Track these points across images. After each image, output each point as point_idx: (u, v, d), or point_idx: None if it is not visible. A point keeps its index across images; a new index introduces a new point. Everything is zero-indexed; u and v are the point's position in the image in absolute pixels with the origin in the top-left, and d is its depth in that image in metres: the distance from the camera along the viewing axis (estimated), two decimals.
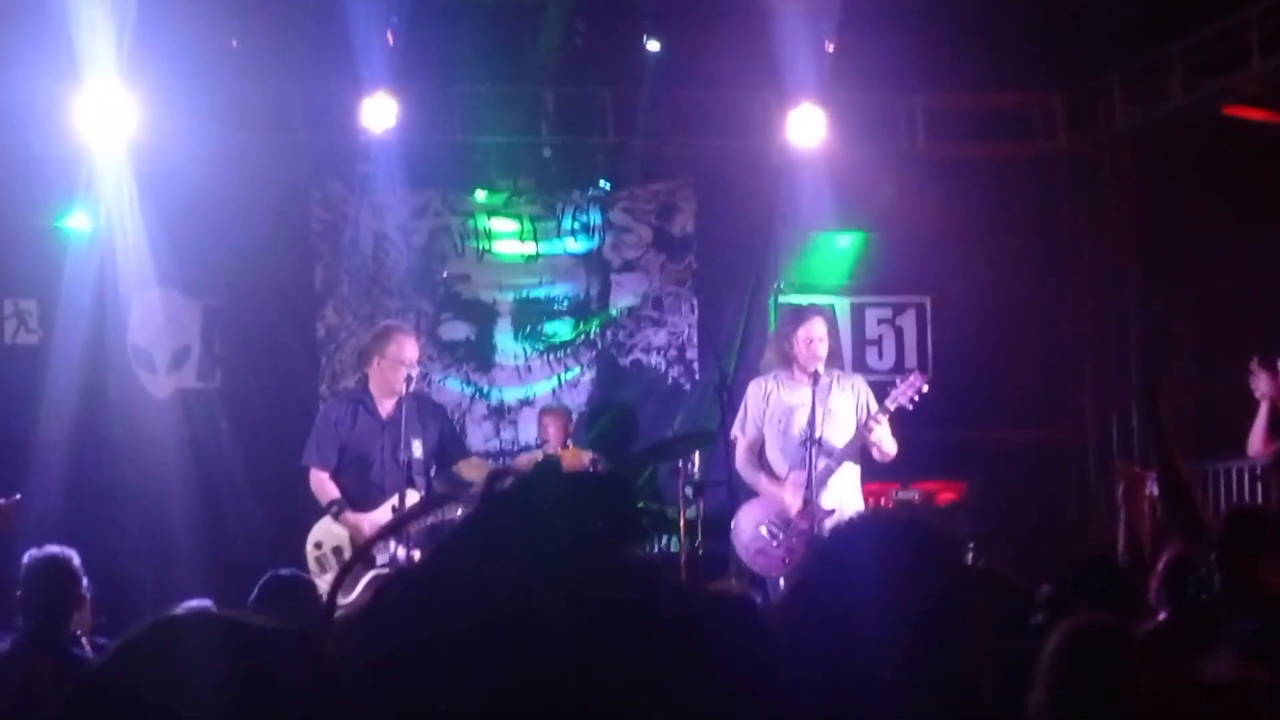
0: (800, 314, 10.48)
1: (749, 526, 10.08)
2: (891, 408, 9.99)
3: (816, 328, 10.18)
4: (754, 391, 10.38)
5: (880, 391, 10.14)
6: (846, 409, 9.99)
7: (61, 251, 11.79)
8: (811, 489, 9.77)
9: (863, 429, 9.89)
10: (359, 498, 9.69)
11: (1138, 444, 12.66)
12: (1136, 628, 5.93)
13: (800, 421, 9.94)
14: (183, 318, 12.40)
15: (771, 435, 10.19)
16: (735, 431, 10.38)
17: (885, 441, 9.91)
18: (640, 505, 11.18)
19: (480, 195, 12.91)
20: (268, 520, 11.60)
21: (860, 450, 9.94)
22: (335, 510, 9.65)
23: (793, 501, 9.94)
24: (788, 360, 10.17)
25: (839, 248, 13.20)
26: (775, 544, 9.99)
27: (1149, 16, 11.52)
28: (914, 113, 12.84)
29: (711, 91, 12.68)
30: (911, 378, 10.12)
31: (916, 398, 10.02)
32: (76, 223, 11.91)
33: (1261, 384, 10.00)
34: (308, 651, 2.14)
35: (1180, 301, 12.59)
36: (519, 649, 1.97)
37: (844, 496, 9.83)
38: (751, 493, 10.29)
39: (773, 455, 10.21)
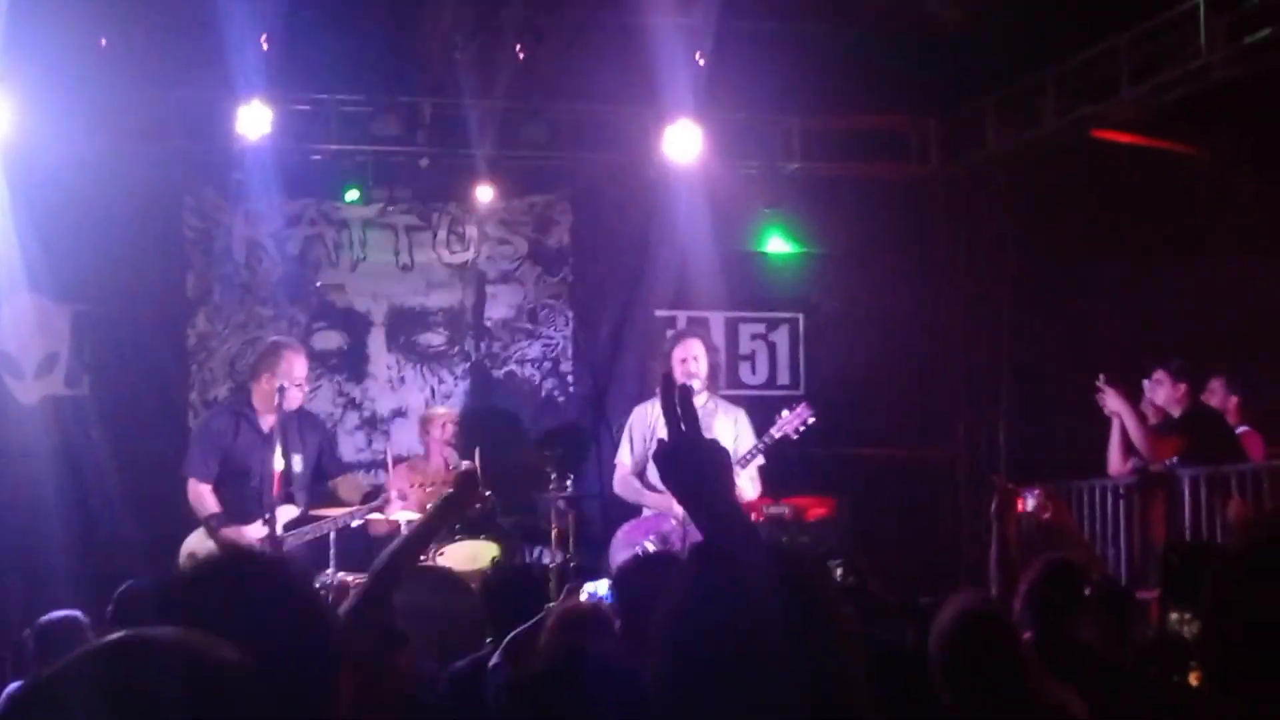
0: (676, 335, 10.54)
1: (628, 544, 10.13)
2: (777, 436, 10.08)
3: (692, 348, 10.24)
4: (638, 416, 10.47)
5: (764, 416, 10.21)
6: (725, 439, 10.03)
7: None
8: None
9: (739, 462, 9.95)
10: (237, 510, 9.63)
11: (1005, 462, 12.87)
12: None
13: None
14: (51, 323, 12.21)
15: (650, 453, 10.24)
16: (620, 456, 10.43)
17: (746, 489, 10.00)
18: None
19: (355, 204, 12.79)
20: (140, 529, 11.44)
21: None
22: (214, 524, 9.56)
23: (676, 509, 10.00)
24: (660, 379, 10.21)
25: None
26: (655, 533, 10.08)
27: (1022, 43, 11.68)
28: (790, 132, 12.95)
29: (589, 105, 12.72)
30: (799, 409, 10.21)
31: (802, 428, 10.12)
32: None
33: (1109, 401, 10.16)
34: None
35: (1050, 320, 12.78)
36: None
37: None
38: (627, 514, 10.35)
39: (654, 477, 10.26)
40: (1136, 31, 10.94)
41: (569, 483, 10.96)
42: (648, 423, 10.45)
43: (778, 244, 13.35)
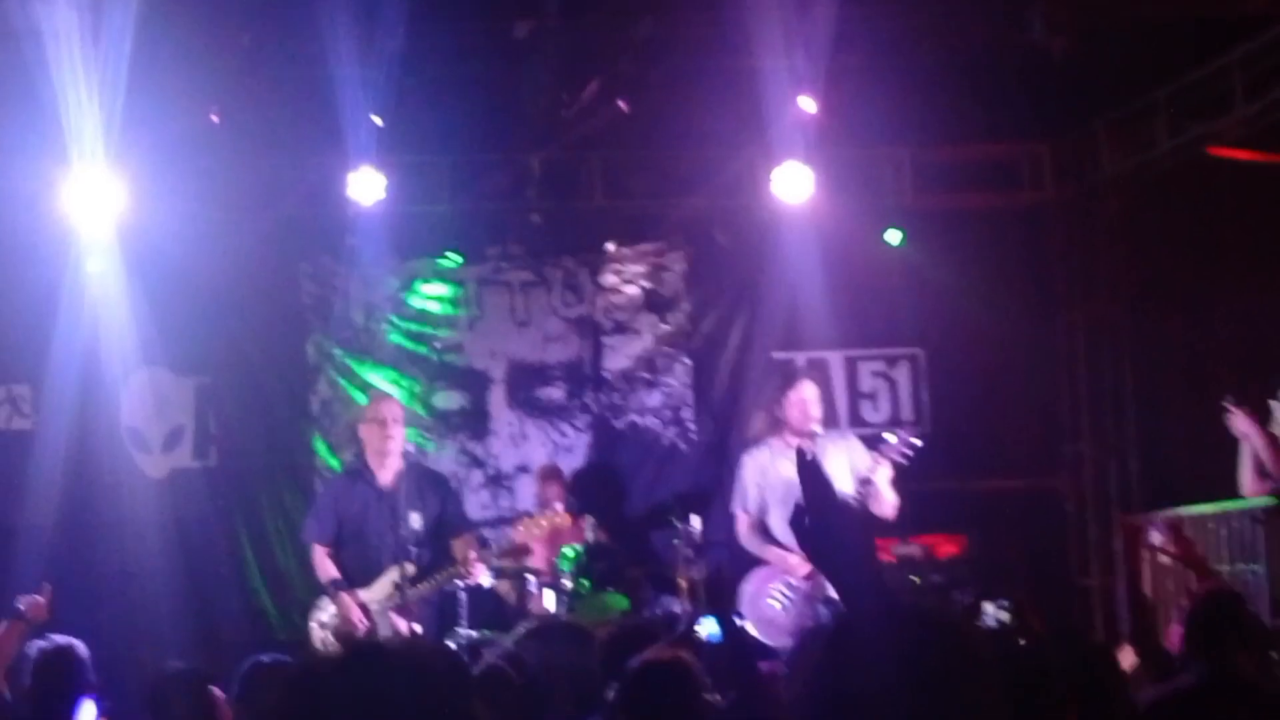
0: (788, 376, 10.46)
1: (756, 596, 10.07)
2: (883, 463, 9.98)
3: (807, 390, 10.17)
4: (750, 465, 10.41)
5: (872, 448, 10.12)
6: (842, 471, 9.96)
7: (49, 332, 11.75)
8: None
9: (860, 486, 9.86)
10: (357, 571, 9.67)
11: (1133, 491, 12.70)
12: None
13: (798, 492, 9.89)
14: (175, 397, 12.38)
15: (773, 506, 10.20)
16: (736, 508, 10.39)
17: (886, 492, 9.89)
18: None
19: (470, 264, 12.88)
20: (271, 597, 11.58)
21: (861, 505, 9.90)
22: (332, 590, 9.62)
23: (798, 568, 9.95)
24: (779, 426, 10.17)
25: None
26: (785, 613, 9.98)
27: (1132, 64, 11.55)
28: (902, 165, 12.87)
29: (698, 153, 12.71)
30: (902, 433, 10.11)
31: (910, 452, 10.01)
32: (67, 302, 11.86)
33: (1238, 423, 9.99)
34: None
35: (1171, 344, 12.59)
36: None
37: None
38: (757, 560, 10.29)
39: (776, 525, 10.22)
40: (1249, 48, 10.79)
41: (695, 531, 10.92)
42: (761, 471, 10.39)
43: (901, 280, 13.16)
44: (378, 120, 11.43)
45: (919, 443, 10.07)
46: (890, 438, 10.15)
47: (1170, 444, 12.45)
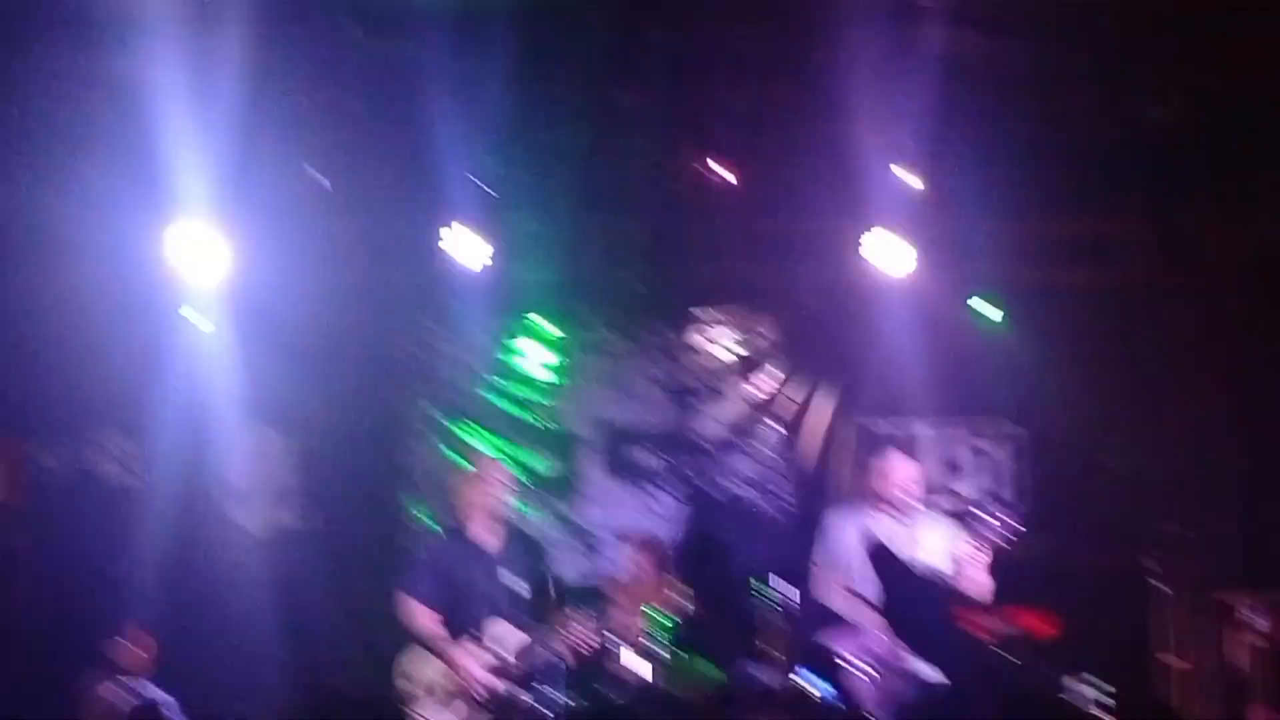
0: (876, 446, 10.43)
1: (832, 653, 10.05)
2: (983, 543, 9.92)
3: (895, 460, 10.16)
4: (838, 526, 10.36)
5: (970, 526, 10.08)
6: (937, 544, 9.94)
7: (159, 390, 11.83)
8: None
9: (954, 567, 9.81)
10: (456, 630, 9.65)
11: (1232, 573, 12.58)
12: None
13: (892, 553, 9.91)
14: (281, 457, 12.44)
15: (860, 570, 10.17)
16: (824, 569, 10.35)
17: (979, 573, 9.85)
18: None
19: (568, 327, 12.94)
20: (367, 658, 11.59)
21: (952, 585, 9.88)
22: (438, 645, 9.60)
23: (884, 637, 9.93)
24: (868, 492, 10.16)
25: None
26: (869, 680, 9.94)
27: (1243, 141, 11.48)
28: (1002, 239, 12.80)
29: (794, 222, 12.71)
30: (1006, 515, 10.04)
31: (1012, 536, 9.96)
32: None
33: None
34: None
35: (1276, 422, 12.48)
36: None
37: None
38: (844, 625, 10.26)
39: (863, 589, 10.19)
40: None
41: (790, 600, 10.88)
42: (850, 533, 10.36)
43: (1001, 355, 13.08)
44: (490, 191, 11.50)
45: (1021, 527, 10.00)
46: (989, 518, 10.08)
47: (1272, 527, 12.34)
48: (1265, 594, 10.76)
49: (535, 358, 13.00)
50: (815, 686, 9.68)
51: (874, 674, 9.95)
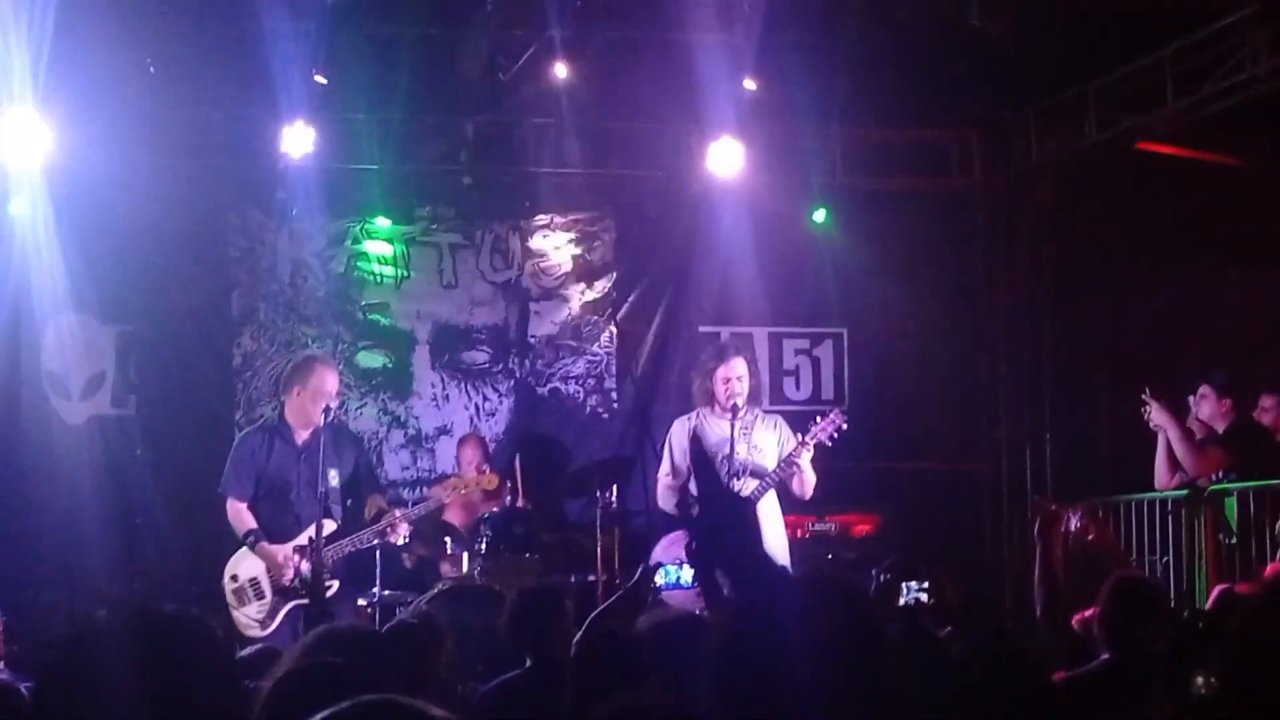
0: (721, 352, 10.47)
1: (669, 557, 10.10)
2: (810, 443, 10.01)
3: (736, 368, 10.22)
4: (678, 430, 10.42)
5: (799, 426, 10.17)
6: (770, 447, 10.03)
7: None
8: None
9: (784, 465, 9.91)
10: (275, 527, 9.63)
11: (1048, 476, 12.83)
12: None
13: (724, 454, 9.98)
14: (97, 343, 12.31)
15: (697, 473, 10.23)
16: (663, 471, 10.41)
17: (807, 472, 9.95)
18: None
19: (400, 224, 12.87)
20: (184, 548, 11.52)
21: (780, 481, 9.96)
22: (251, 541, 9.58)
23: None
24: (710, 396, 10.23)
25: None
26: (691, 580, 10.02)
27: (1066, 54, 11.65)
28: (832, 146, 12.93)
29: (632, 124, 12.75)
30: (832, 415, 10.14)
31: (836, 435, 10.06)
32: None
33: (1154, 415, 10.10)
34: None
35: (1093, 334, 12.71)
36: None
37: (766, 531, 9.86)
38: (670, 526, 10.31)
39: (697, 492, 10.25)
40: (1181, 44, 10.89)
41: (613, 500, 10.96)
42: (689, 437, 10.43)
43: (828, 259, 13.21)
44: (320, 79, 11.40)
45: (845, 425, 10.12)
46: (822, 422, 10.18)
47: (1087, 433, 12.59)
48: (1082, 499, 10.97)
49: (364, 252, 12.91)
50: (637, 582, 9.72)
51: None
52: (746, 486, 9.86)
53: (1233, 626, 2.55)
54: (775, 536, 9.93)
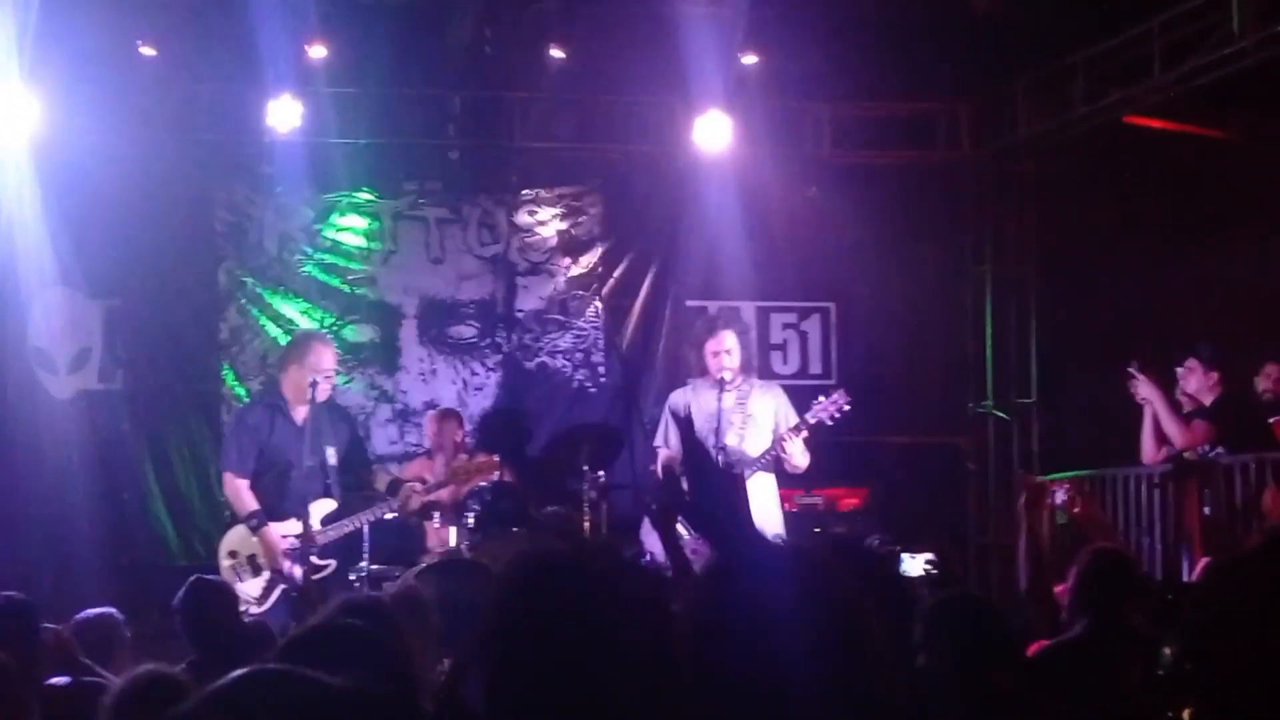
0: (711, 325, 10.47)
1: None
2: (812, 422, 10.03)
3: (725, 340, 10.23)
4: (672, 400, 10.44)
5: (799, 403, 10.19)
6: (766, 417, 10.03)
7: None
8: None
9: (778, 440, 9.92)
10: (277, 504, 9.60)
11: (1035, 450, 12.86)
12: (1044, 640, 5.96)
13: (712, 429, 10.00)
14: (84, 318, 12.29)
15: (684, 443, 10.23)
16: (658, 441, 10.42)
17: (798, 455, 9.96)
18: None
19: (386, 198, 12.86)
20: (171, 522, 11.53)
21: (774, 459, 9.98)
22: (255, 524, 9.54)
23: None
24: (702, 368, 10.25)
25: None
26: (686, 547, 10.03)
27: (1052, 27, 11.64)
28: (820, 120, 12.93)
29: (619, 97, 12.73)
30: (836, 395, 10.14)
31: (838, 415, 10.08)
32: None
33: (1141, 388, 10.11)
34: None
35: (1080, 306, 12.72)
36: None
37: (760, 504, 9.87)
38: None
39: (686, 461, 10.26)
40: (1168, 16, 10.88)
41: (601, 474, 10.96)
42: (682, 406, 10.44)
43: (815, 233, 13.21)
44: (316, 51, 11.38)
45: (849, 406, 10.13)
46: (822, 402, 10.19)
47: (1075, 407, 12.61)
48: (1066, 473, 10.99)
49: (351, 226, 12.90)
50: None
51: (687, 542, 10.05)
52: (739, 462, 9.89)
53: (1195, 598, 2.58)
54: (768, 511, 9.94)
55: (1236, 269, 12.26)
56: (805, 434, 9.94)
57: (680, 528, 10.00)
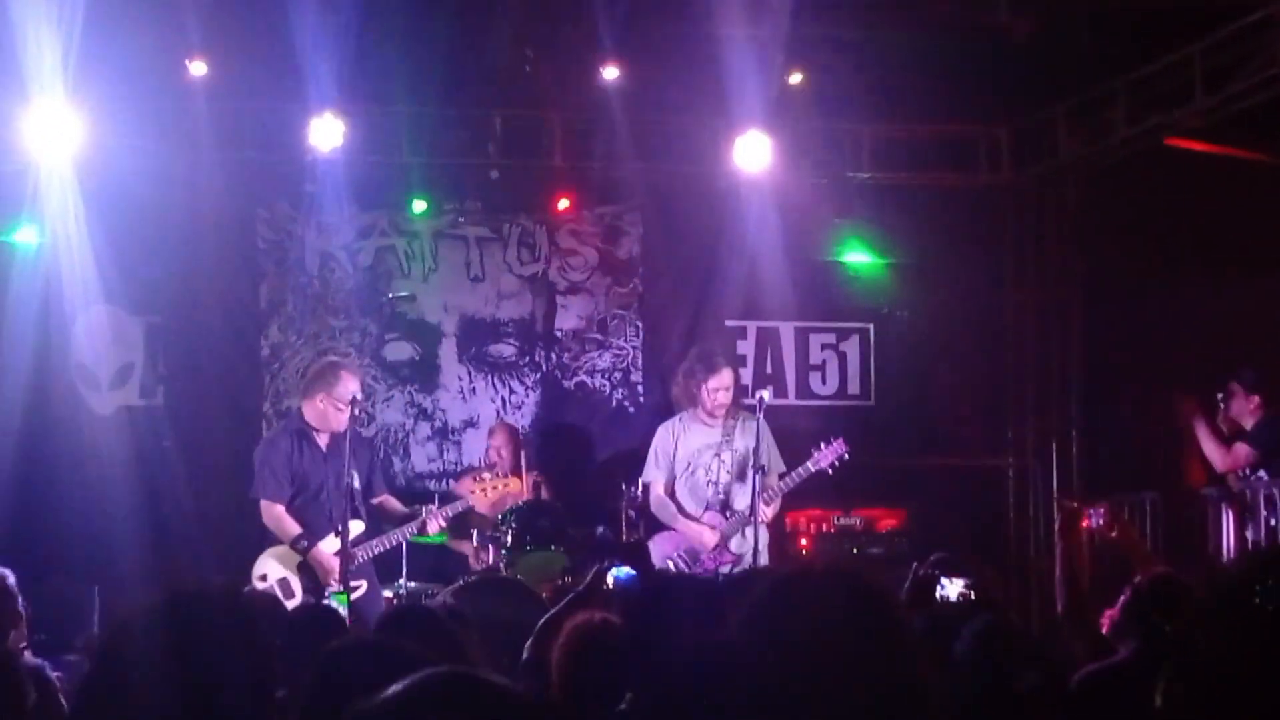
0: (711, 363, 10.51)
1: (659, 556, 10.24)
2: (812, 469, 10.11)
3: (725, 378, 10.31)
4: (663, 434, 10.54)
5: (833, 426, 10.22)
6: (747, 449, 10.14)
7: (7, 268, 11.77)
8: (726, 531, 10.21)
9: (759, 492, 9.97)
10: (309, 527, 9.66)
11: (1076, 475, 12.82)
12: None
13: (706, 463, 10.14)
14: (126, 335, 12.36)
15: (680, 476, 10.35)
16: (647, 476, 10.51)
17: (769, 512, 10.09)
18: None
19: (425, 216, 12.90)
20: (210, 539, 11.56)
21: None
22: (304, 546, 9.59)
23: (709, 540, 10.13)
24: (695, 402, 10.32)
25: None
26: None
27: (1094, 51, 11.63)
28: (861, 142, 12.93)
29: (660, 117, 12.73)
30: (835, 444, 10.21)
31: (837, 464, 10.14)
32: (23, 237, 11.89)
33: (1184, 414, 10.14)
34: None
35: (1122, 331, 12.68)
36: None
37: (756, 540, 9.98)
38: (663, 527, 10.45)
39: (682, 495, 10.37)
40: (1210, 40, 10.86)
41: (638, 493, 10.98)
42: (671, 438, 10.52)
43: (855, 255, 13.30)
44: (352, 78, 11.44)
45: (847, 456, 10.17)
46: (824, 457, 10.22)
47: (1115, 431, 12.57)
48: (1106, 497, 10.96)
49: (392, 245, 12.94)
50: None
51: (685, 571, 10.10)
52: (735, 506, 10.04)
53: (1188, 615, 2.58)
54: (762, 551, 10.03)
55: (1278, 292, 12.20)
56: (787, 486, 10.06)
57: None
